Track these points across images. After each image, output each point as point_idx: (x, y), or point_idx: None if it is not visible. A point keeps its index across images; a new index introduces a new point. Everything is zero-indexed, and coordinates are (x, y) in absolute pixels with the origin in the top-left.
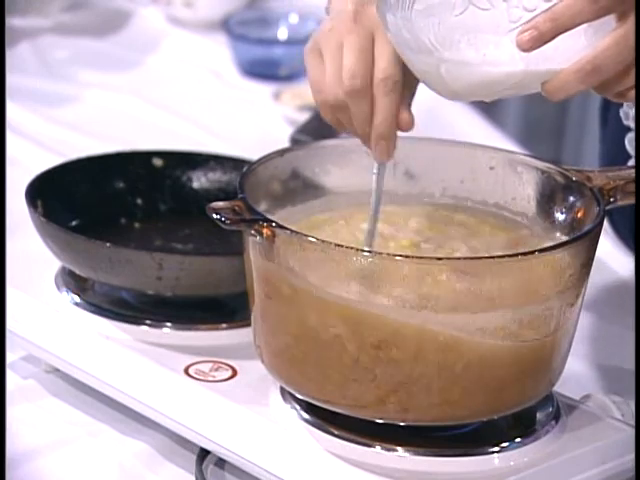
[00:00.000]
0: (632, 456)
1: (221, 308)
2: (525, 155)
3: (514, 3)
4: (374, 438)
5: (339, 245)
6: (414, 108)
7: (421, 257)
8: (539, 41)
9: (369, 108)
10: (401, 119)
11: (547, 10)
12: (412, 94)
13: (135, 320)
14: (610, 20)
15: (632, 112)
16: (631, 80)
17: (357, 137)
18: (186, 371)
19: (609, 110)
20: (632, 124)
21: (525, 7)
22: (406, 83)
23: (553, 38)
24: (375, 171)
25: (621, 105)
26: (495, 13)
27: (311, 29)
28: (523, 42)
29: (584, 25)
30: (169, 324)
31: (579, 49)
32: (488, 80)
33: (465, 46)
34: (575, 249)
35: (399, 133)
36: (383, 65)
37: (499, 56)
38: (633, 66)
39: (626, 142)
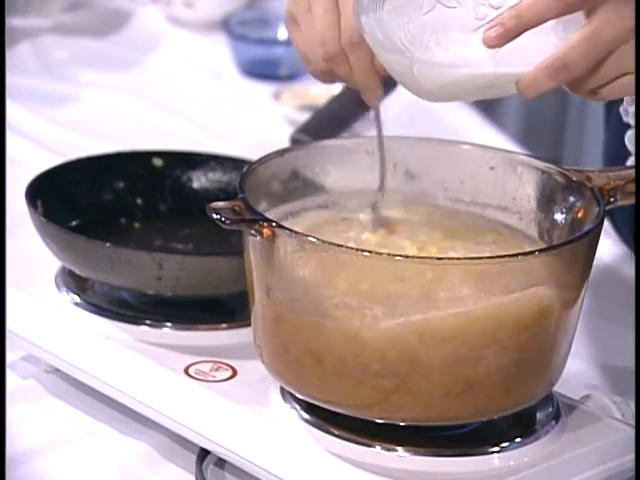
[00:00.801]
0: (632, 456)
1: (221, 308)
2: (525, 155)
3: (481, 1)
4: (374, 438)
5: (339, 245)
6: (414, 108)
7: (421, 257)
8: (505, 38)
9: (348, 66)
10: (377, 65)
11: (513, 7)
12: None
13: (135, 320)
14: (580, 17)
15: (631, 109)
16: (602, 77)
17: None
18: (186, 371)
19: (609, 105)
20: (632, 121)
21: (491, 4)
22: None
23: (519, 35)
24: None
25: (621, 101)
26: (462, 11)
27: None
28: (489, 39)
29: (553, 23)
30: (169, 324)
31: (549, 47)
32: (459, 80)
33: (434, 46)
34: (575, 249)
35: (398, 134)
36: (346, 22)
37: (468, 56)
38: (603, 63)
39: (626, 140)
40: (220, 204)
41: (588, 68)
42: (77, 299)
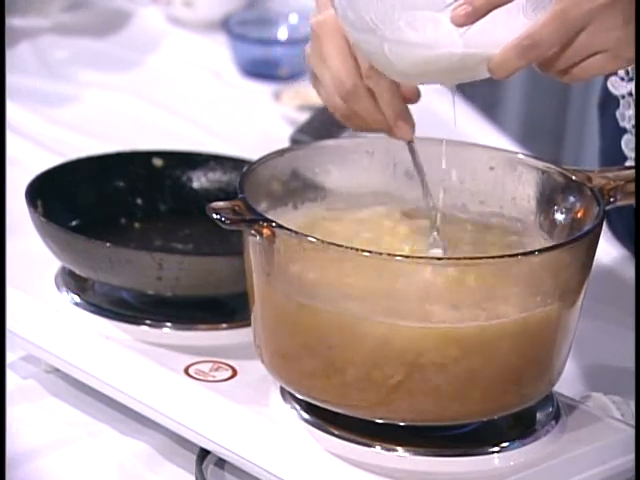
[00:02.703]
0: (632, 456)
1: (221, 308)
2: (525, 155)
3: None
4: (374, 438)
5: (339, 245)
6: (414, 108)
7: (421, 257)
8: (473, 16)
9: (371, 101)
10: (405, 93)
11: None
12: None
13: (135, 320)
14: None
15: (628, 113)
16: (572, 57)
17: (380, 131)
18: (186, 371)
19: (605, 110)
20: (628, 125)
21: None
22: None
23: (487, 13)
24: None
25: (617, 106)
26: None
27: None
28: (458, 17)
29: (523, 2)
30: (169, 324)
31: (518, 28)
32: (429, 60)
33: (405, 25)
34: (575, 249)
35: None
36: (362, 59)
37: (438, 35)
38: (573, 42)
39: (622, 144)
40: (220, 204)
41: (557, 47)
42: (77, 299)
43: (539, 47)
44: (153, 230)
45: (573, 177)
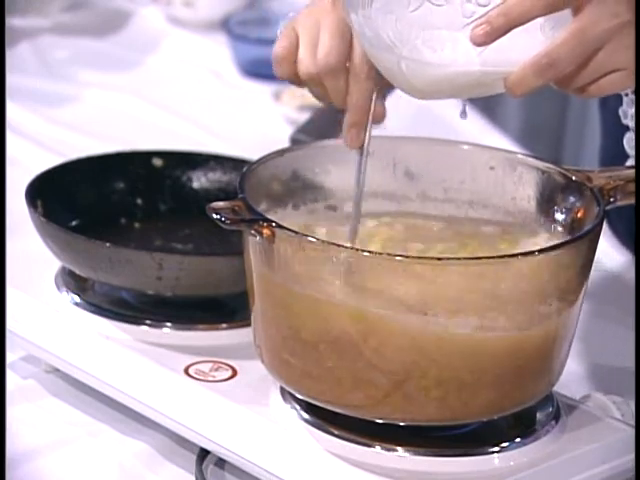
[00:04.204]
0: (632, 456)
1: (221, 308)
2: (525, 155)
3: None
4: (374, 438)
5: (339, 245)
6: (414, 108)
7: (421, 257)
8: (492, 36)
9: (343, 86)
10: (375, 110)
11: (500, 5)
12: (388, 85)
13: (135, 320)
14: (567, 15)
15: (631, 111)
16: (590, 75)
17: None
18: (186, 371)
19: (606, 107)
20: (630, 123)
21: (479, 2)
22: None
23: (506, 32)
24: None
25: (620, 103)
26: (449, 9)
27: None
28: (477, 37)
29: (540, 21)
30: (169, 324)
31: (537, 46)
32: (447, 78)
33: (422, 44)
34: (575, 249)
35: (398, 134)
36: (360, 50)
37: (456, 54)
38: (590, 60)
39: (624, 142)
40: (220, 204)
41: (575, 65)
42: (77, 299)
43: (557, 66)
44: (153, 230)
45: (573, 177)
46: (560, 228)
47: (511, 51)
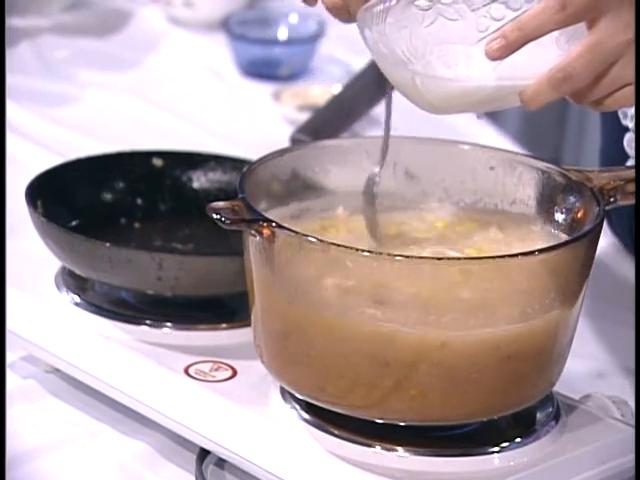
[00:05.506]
0: (632, 456)
1: (221, 308)
2: (525, 155)
3: (482, 13)
4: (374, 438)
5: (339, 245)
6: (414, 108)
7: (421, 257)
8: (507, 50)
9: None
10: None
11: (515, 19)
12: None
13: (135, 320)
14: (582, 29)
15: (630, 112)
16: (605, 88)
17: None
18: (186, 371)
19: None
20: (630, 124)
21: (493, 17)
22: None
23: (521, 47)
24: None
25: None
26: (464, 24)
27: (311, 29)
28: (492, 51)
29: (555, 34)
30: (169, 324)
31: (552, 59)
32: (462, 93)
33: (436, 59)
34: (575, 249)
35: (398, 134)
36: None
37: (470, 69)
38: (606, 74)
39: (625, 143)
40: (220, 204)
41: (591, 79)
42: (77, 299)
43: (573, 79)
44: (153, 230)
45: (573, 177)
46: (560, 228)
47: (526, 65)
